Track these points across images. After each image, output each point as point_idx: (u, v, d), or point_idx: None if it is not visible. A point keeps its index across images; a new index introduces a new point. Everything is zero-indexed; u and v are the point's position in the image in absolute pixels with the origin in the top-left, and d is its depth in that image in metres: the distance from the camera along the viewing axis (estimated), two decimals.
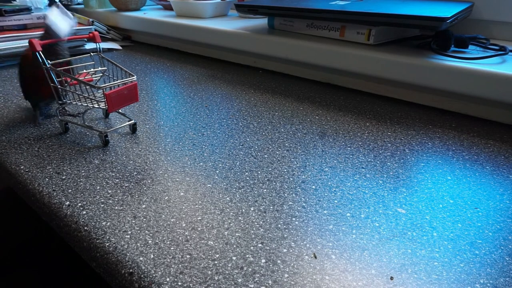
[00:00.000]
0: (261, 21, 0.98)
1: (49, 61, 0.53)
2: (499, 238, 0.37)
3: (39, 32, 0.99)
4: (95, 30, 1.14)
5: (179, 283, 0.31)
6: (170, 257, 0.34)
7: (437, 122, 0.63)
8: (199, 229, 0.38)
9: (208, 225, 0.38)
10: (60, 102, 0.56)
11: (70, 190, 0.44)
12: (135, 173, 0.47)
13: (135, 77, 0.52)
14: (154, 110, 0.67)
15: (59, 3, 0.55)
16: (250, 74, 0.89)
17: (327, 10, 0.73)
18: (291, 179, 0.47)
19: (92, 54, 0.60)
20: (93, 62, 0.67)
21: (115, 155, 0.51)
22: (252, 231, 0.37)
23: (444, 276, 0.32)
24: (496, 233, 0.37)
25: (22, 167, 0.48)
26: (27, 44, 1.02)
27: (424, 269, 0.33)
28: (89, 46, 1.07)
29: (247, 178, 0.47)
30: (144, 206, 0.41)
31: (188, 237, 0.37)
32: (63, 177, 0.46)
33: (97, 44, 0.60)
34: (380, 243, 0.36)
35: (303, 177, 0.47)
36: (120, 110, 0.65)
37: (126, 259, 0.34)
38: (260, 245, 0.36)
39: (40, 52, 0.52)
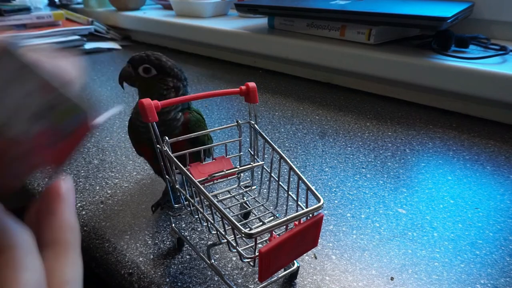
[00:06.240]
0: (261, 21, 0.98)
1: (166, 138, 0.30)
2: (500, 238, 0.37)
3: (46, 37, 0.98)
4: (95, 30, 1.13)
5: (179, 284, 0.31)
6: (170, 258, 0.34)
7: (438, 122, 0.63)
8: (199, 229, 0.38)
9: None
10: (175, 206, 0.34)
11: None
12: (134, 173, 0.47)
13: (322, 201, 0.27)
14: None
15: None
16: (250, 74, 0.89)
17: (327, 9, 0.73)
18: (291, 179, 0.46)
19: (240, 123, 0.35)
20: (239, 138, 0.37)
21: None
22: None
23: (445, 276, 0.32)
24: (497, 233, 0.37)
25: None
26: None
27: (425, 270, 0.33)
28: (89, 45, 1.07)
29: (247, 178, 0.46)
30: (144, 206, 0.41)
31: (188, 237, 0.37)
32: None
33: (250, 106, 0.34)
34: (380, 243, 0.36)
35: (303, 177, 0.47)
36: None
37: (126, 259, 0.34)
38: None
39: (154, 124, 0.29)
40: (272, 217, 0.35)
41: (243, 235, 0.24)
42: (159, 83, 0.35)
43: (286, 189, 0.32)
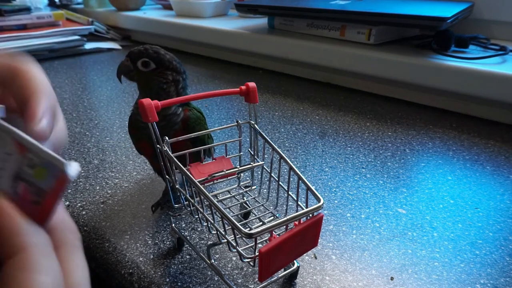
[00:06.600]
0: (261, 21, 0.98)
1: (166, 138, 0.30)
2: (500, 238, 0.37)
3: (40, 31, 0.98)
4: (95, 30, 1.13)
5: (179, 284, 0.31)
6: (170, 258, 0.34)
7: (438, 122, 0.63)
8: (199, 229, 0.38)
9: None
10: (175, 206, 0.34)
11: (69, 190, 0.43)
12: (134, 173, 0.47)
13: (322, 201, 0.27)
14: None
15: None
16: (250, 74, 0.89)
17: (327, 9, 0.73)
18: (291, 179, 0.46)
19: (240, 123, 0.35)
20: (239, 138, 0.37)
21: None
22: None
23: (445, 276, 0.32)
24: (497, 233, 0.37)
25: None
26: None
27: (425, 269, 0.33)
28: (89, 45, 1.07)
29: (247, 178, 0.46)
30: (144, 206, 0.41)
31: (188, 237, 0.37)
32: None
33: (250, 106, 0.34)
34: (380, 243, 0.36)
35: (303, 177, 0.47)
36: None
37: (126, 259, 0.34)
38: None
39: (154, 124, 0.29)
40: (272, 217, 0.35)
41: (243, 235, 0.24)
42: (158, 76, 0.35)
43: (286, 189, 0.32)
